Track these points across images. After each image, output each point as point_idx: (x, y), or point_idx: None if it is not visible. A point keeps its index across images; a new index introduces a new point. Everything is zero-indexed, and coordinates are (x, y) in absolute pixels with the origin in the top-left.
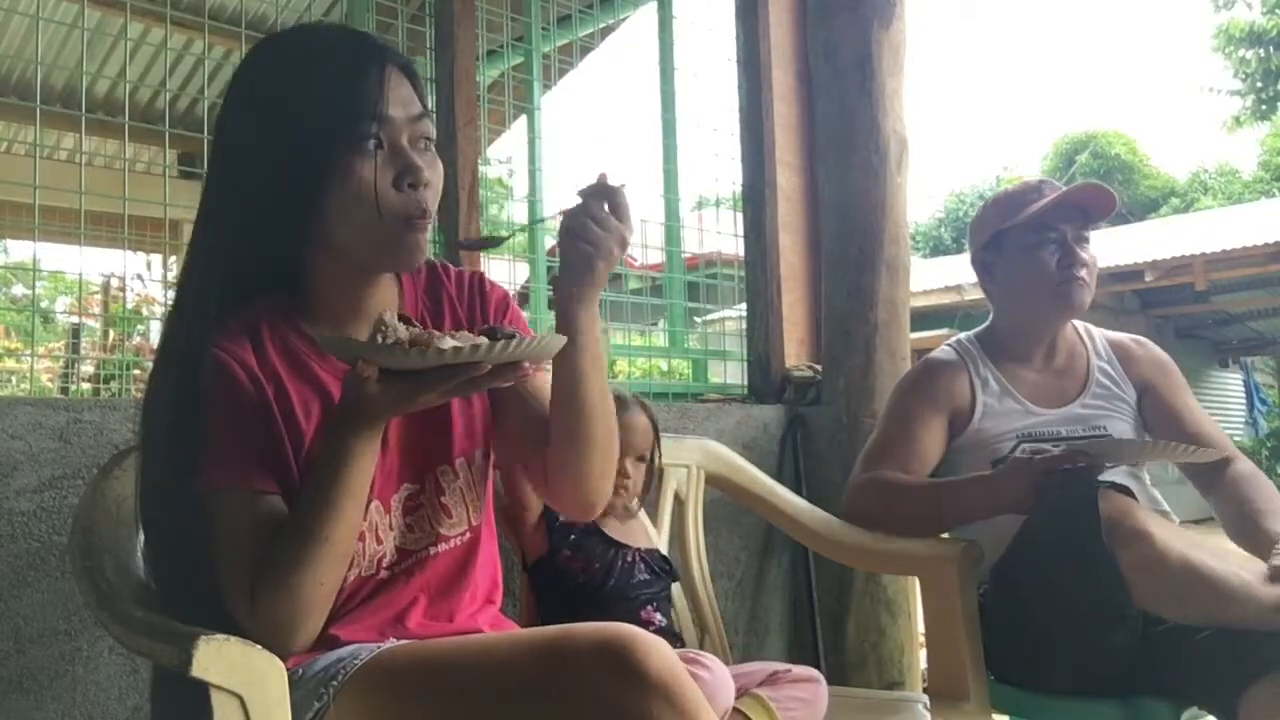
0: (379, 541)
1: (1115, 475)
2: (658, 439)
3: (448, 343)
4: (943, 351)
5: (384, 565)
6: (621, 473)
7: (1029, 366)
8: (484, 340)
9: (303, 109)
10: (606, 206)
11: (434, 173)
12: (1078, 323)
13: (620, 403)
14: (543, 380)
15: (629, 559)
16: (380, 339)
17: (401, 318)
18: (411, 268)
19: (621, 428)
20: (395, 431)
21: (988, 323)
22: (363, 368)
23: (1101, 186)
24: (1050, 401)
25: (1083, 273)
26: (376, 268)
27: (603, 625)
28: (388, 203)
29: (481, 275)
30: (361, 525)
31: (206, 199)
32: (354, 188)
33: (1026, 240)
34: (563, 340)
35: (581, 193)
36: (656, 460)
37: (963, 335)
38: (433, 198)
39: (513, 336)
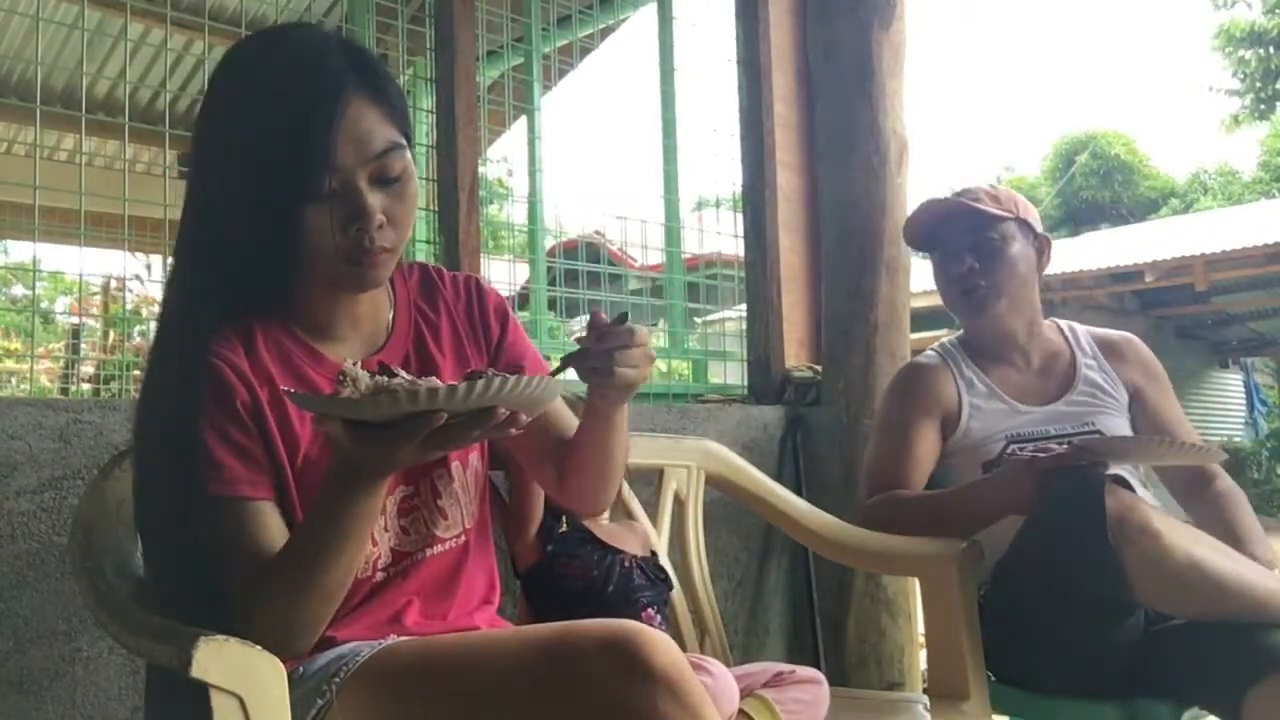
0: (374, 544)
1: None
2: None
3: (413, 389)
4: (926, 356)
5: (379, 568)
6: None
7: (1010, 366)
8: (437, 385)
9: (255, 160)
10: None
11: (398, 207)
12: (1060, 321)
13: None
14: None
15: (626, 564)
16: (339, 390)
17: (382, 368)
18: (365, 290)
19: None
20: None
21: None
22: (319, 422)
23: (939, 202)
24: (1036, 399)
25: (974, 280)
26: (344, 291)
27: (608, 621)
28: (332, 248)
29: (477, 280)
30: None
31: (187, 214)
32: (307, 236)
33: (932, 264)
34: (555, 390)
35: (604, 329)
36: None
37: (946, 339)
38: (393, 234)
39: (488, 378)
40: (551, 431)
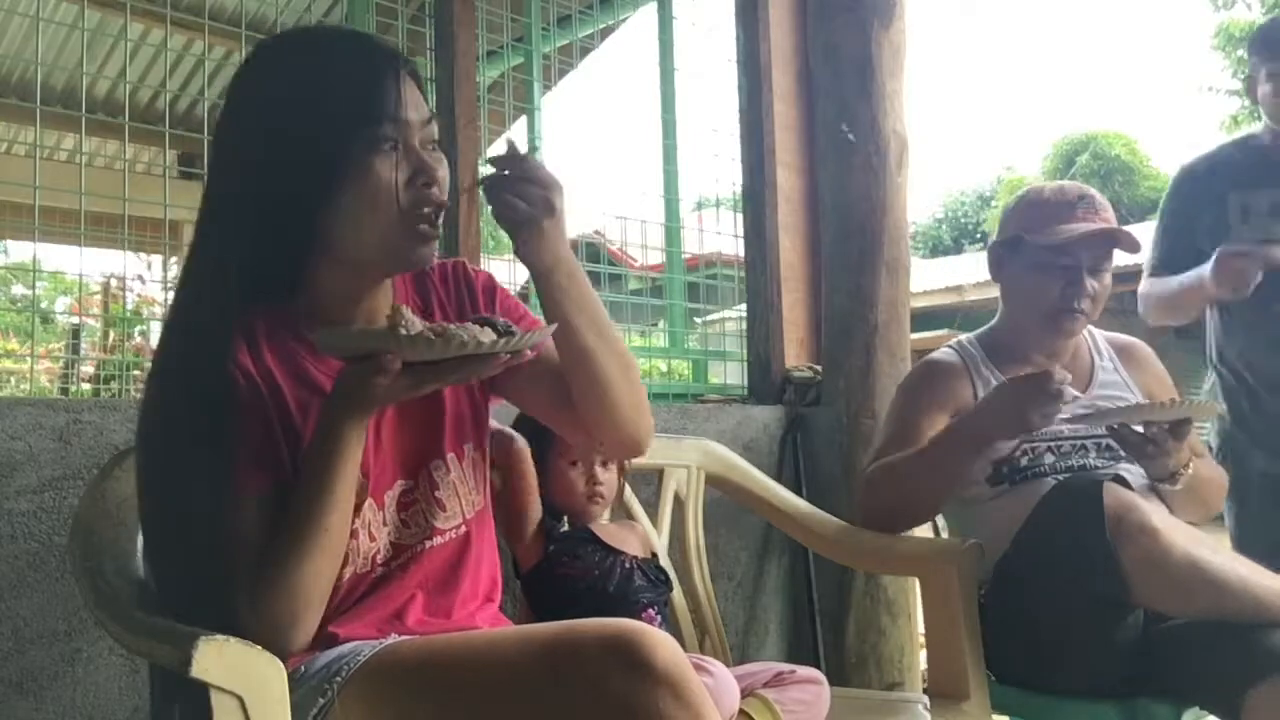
0: (372, 539)
1: (1119, 470)
2: None
3: (469, 333)
4: (944, 353)
5: (379, 562)
6: (592, 479)
7: (1030, 365)
8: (500, 332)
9: (322, 111)
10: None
11: (443, 173)
12: None
13: None
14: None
15: (626, 565)
16: (403, 331)
17: (395, 310)
18: (424, 263)
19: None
20: (388, 430)
21: (991, 323)
22: (389, 360)
23: (1124, 236)
24: None
25: (1084, 304)
26: (385, 270)
27: (610, 620)
28: (395, 209)
29: (463, 263)
30: (353, 516)
31: (210, 207)
32: (372, 189)
33: (1041, 258)
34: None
35: (495, 161)
36: (625, 463)
37: (964, 337)
38: (444, 198)
39: (511, 328)
40: (555, 372)
